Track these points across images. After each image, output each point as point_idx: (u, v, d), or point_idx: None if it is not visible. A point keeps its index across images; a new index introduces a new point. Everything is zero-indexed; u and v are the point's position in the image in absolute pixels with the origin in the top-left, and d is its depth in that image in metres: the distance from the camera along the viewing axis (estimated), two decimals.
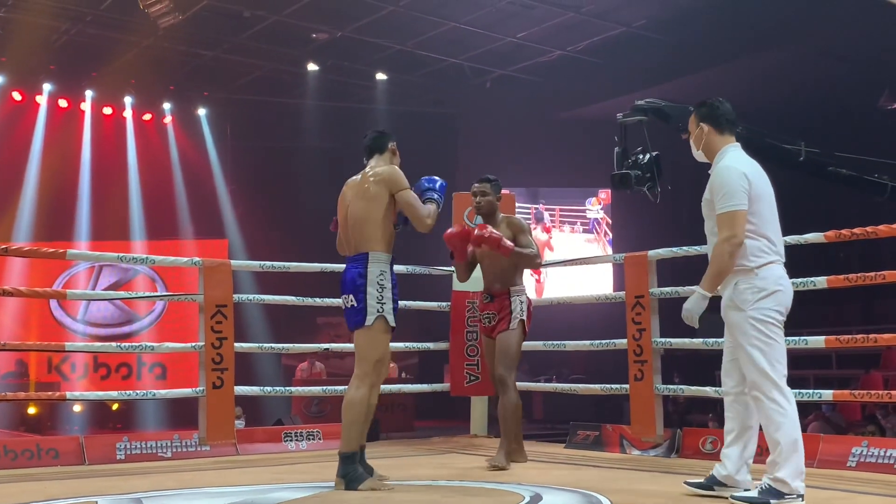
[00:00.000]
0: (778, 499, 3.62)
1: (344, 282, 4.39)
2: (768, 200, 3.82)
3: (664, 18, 11.83)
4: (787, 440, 3.64)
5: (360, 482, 4.19)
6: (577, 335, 6.90)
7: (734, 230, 3.69)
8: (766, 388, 3.68)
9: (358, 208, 4.38)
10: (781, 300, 3.74)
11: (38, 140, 13.88)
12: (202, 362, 5.85)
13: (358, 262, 4.35)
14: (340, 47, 12.92)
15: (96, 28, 12.15)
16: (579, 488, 4.15)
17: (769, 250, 3.76)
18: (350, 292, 4.35)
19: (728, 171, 3.78)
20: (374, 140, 4.59)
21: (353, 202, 4.41)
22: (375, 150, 4.58)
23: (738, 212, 3.70)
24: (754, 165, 3.86)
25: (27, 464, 5.39)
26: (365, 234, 4.36)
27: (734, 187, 3.72)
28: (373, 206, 4.36)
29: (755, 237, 3.74)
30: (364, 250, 4.35)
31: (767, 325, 3.70)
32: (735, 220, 3.69)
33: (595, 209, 15.25)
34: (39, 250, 6.15)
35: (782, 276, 3.78)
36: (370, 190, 4.38)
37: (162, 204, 14.61)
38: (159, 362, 14.10)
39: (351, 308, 4.35)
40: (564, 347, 6.83)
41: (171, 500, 4.03)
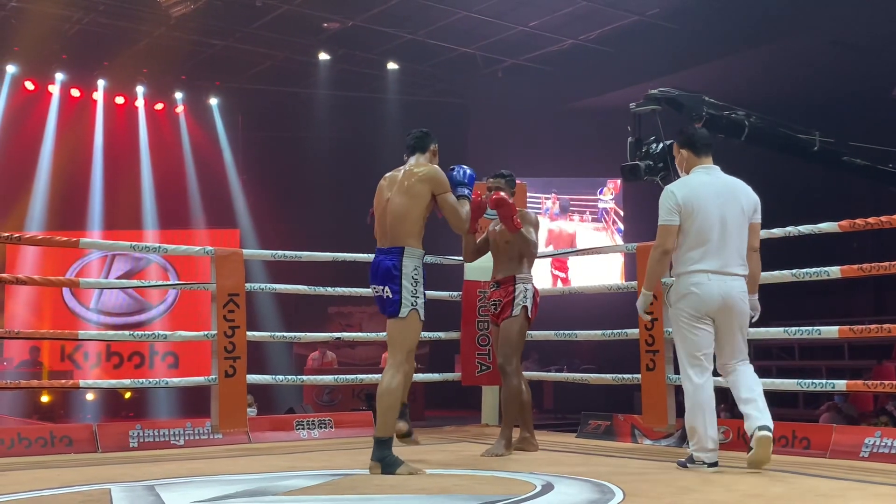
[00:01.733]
0: (691, 463, 4.43)
1: (376, 271, 4.54)
2: (704, 219, 4.38)
3: (677, 7, 11.77)
4: (689, 420, 4.41)
5: (396, 466, 4.28)
6: (587, 325, 6.89)
7: (660, 240, 4.47)
8: (683, 373, 4.48)
9: (399, 203, 4.54)
10: (693, 302, 4.39)
11: (50, 129, 13.94)
12: (215, 351, 5.87)
13: (393, 254, 4.50)
14: (352, 37, 12.90)
15: (108, 17, 12.18)
16: (591, 478, 4.15)
17: (690, 260, 4.40)
18: (384, 283, 4.50)
19: (664, 192, 4.51)
20: (417, 139, 4.74)
21: (395, 197, 4.56)
22: (418, 149, 4.73)
23: (665, 226, 4.45)
24: (704, 186, 4.44)
25: (41, 451, 5.42)
26: (403, 229, 4.52)
27: (665, 206, 4.46)
28: (414, 203, 4.53)
29: (681, 249, 4.44)
30: (400, 244, 4.51)
31: (684, 322, 4.43)
32: (661, 232, 4.46)
33: (607, 199, 15.22)
34: (53, 239, 6.17)
35: (697, 283, 4.38)
36: (414, 187, 4.54)
37: (174, 193, 14.65)
38: (171, 351, 14.16)
39: (386, 298, 4.51)
40: (576, 337, 6.82)
41: (184, 487, 4.04)
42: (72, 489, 3.97)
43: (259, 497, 3.75)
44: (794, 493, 3.80)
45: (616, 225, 15.20)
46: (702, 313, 4.39)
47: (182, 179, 14.84)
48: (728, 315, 4.40)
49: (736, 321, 4.41)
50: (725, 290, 4.37)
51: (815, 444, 5.06)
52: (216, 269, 5.92)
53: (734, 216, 4.41)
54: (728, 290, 4.38)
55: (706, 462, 4.36)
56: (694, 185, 4.45)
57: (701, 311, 4.39)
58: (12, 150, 13.91)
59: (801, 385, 5.38)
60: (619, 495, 3.66)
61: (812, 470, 4.44)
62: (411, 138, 4.78)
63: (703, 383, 4.39)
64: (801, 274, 5.24)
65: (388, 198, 4.59)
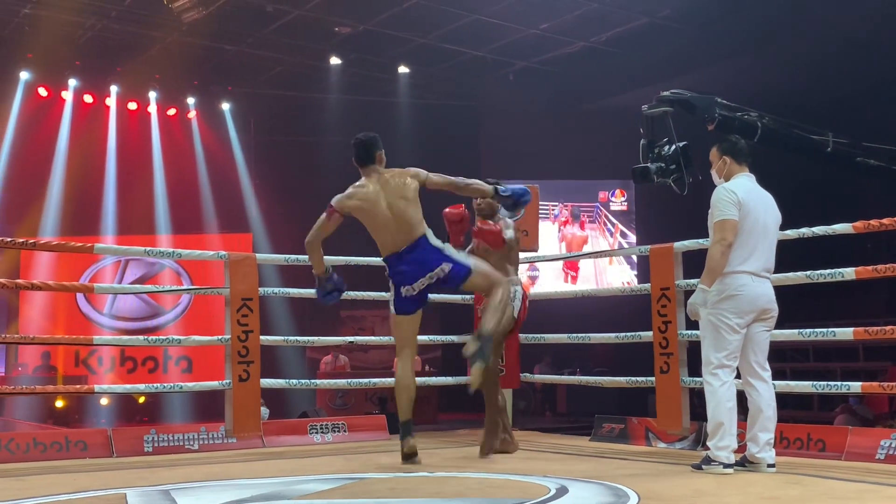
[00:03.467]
0: (708, 465, 4.39)
1: (423, 261, 4.90)
2: (754, 221, 4.46)
3: (688, 9, 11.73)
4: (715, 419, 4.39)
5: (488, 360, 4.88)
6: (598, 328, 6.88)
7: (724, 234, 4.42)
8: (707, 375, 4.46)
9: (403, 200, 4.93)
10: (732, 304, 4.41)
11: (63, 135, 14.00)
12: (228, 355, 5.89)
13: (422, 244, 4.91)
14: (363, 41, 12.92)
15: (121, 24, 12.23)
16: (605, 481, 4.14)
17: (736, 260, 4.43)
18: (439, 263, 4.90)
19: (721, 189, 4.54)
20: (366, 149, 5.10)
21: (395, 197, 4.93)
22: (369, 161, 5.10)
23: (727, 220, 4.43)
24: (752, 191, 4.55)
25: (56, 456, 5.45)
26: (414, 224, 4.91)
27: (722, 201, 4.47)
28: (415, 198, 4.96)
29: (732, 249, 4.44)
30: (418, 235, 4.91)
31: (721, 324, 4.42)
32: (724, 226, 4.42)
33: (618, 201, 15.19)
34: (67, 244, 6.20)
35: (743, 284, 4.43)
36: (410, 184, 4.96)
37: (187, 198, 14.68)
38: (185, 355, 14.18)
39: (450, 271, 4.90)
40: (589, 340, 6.82)
41: (199, 491, 4.05)
42: (87, 494, 3.98)
43: (274, 501, 3.75)
44: (809, 495, 3.78)
45: (617, 228, 15.15)
46: (742, 316, 4.43)
47: (195, 184, 14.87)
48: (766, 316, 4.51)
49: (771, 323, 4.56)
50: (765, 292, 4.50)
51: (831, 446, 5.05)
52: (230, 274, 5.94)
53: (772, 224, 4.58)
54: (767, 292, 4.52)
55: (724, 462, 4.36)
56: (746, 188, 4.54)
57: (743, 313, 4.43)
58: (26, 156, 13.98)
59: (815, 387, 5.36)
60: (633, 498, 3.65)
61: (828, 472, 4.42)
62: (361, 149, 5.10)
63: (731, 383, 4.44)
64: (815, 275, 5.22)
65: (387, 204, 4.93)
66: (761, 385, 4.51)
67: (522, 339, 6.93)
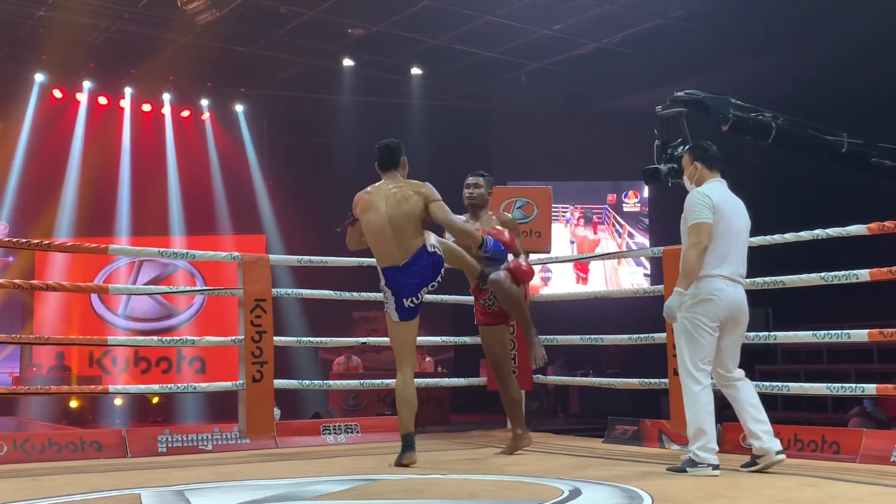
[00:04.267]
0: (693, 467, 4.42)
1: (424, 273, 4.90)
2: (727, 226, 4.51)
3: (701, 9, 11.70)
4: (695, 423, 4.45)
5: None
6: (610, 329, 6.88)
7: (699, 237, 4.46)
8: (685, 378, 4.51)
9: (401, 214, 4.89)
10: (707, 308, 4.44)
11: (78, 137, 14.07)
12: (242, 356, 5.90)
13: (421, 255, 4.88)
14: (376, 42, 12.94)
15: (135, 26, 12.29)
16: (619, 483, 4.14)
17: (710, 265, 4.46)
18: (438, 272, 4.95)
19: (695, 193, 4.59)
20: (390, 154, 5.05)
21: (395, 209, 4.90)
22: (391, 165, 5.05)
23: (702, 223, 4.47)
24: (725, 196, 4.61)
25: (71, 456, 5.47)
26: (413, 235, 4.89)
27: (698, 205, 4.52)
28: (415, 212, 4.90)
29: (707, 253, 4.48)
30: (417, 246, 4.88)
31: (697, 327, 4.45)
32: (700, 229, 4.47)
33: (631, 203, 15.16)
34: (82, 245, 6.23)
35: (718, 289, 4.46)
36: (412, 198, 4.91)
37: (200, 200, 14.73)
38: (199, 356, 14.23)
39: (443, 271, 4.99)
40: (602, 341, 6.80)
41: (213, 492, 4.07)
42: (102, 494, 4.00)
43: (288, 502, 3.76)
44: (823, 498, 3.77)
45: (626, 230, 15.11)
46: (716, 320, 4.48)
47: (208, 185, 14.92)
48: (737, 322, 4.56)
49: (743, 329, 4.61)
50: (738, 298, 4.55)
51: (845, 448, 5.02)
52: (243, 275, 5.96)
53: (743, 229, 4.65)
54: (740, 297, 4.56)
55: (712, 464, 4.39)
56: (719, 192, 4.61)
57: (716, 317, 4.48)
58: (41, 158, 14.06)
59: (830, 389, 5.34)
60: (647, 501, 3.65)
61: (842, 475, 4.40)
62: (388, 153, 5.05)
63: (709, 386, 4.51)
64: (829, 277, 5.20)
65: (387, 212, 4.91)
66: (739, 383, 4.60)
67: None
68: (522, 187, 7.69)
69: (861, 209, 6.46)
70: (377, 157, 5.09)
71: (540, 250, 7.20)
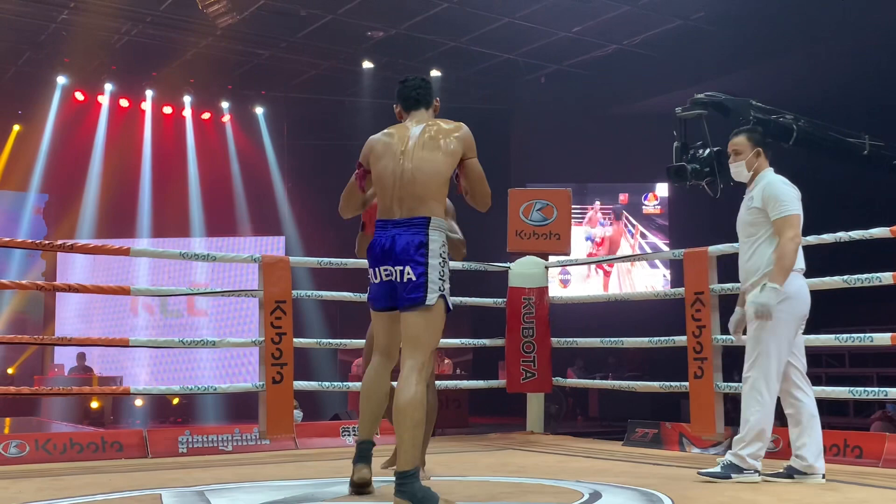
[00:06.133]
0: (738, 473, 4.17)
1: (392, 249, 3.58)
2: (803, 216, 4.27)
3: (722, 11, 11.65)
4: (757, 427, 4.15)
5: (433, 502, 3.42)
6: (629, 332, 6.85)
7: (797, 230, 4.17)
8: (758, 381, 4.17)
9: (426, 161, 3.64)
10: (795, 306, 4.19)
11: (100, 139, 14.20)
12: (262, 357, 5.92)
13: (415, 226, 3.59)
14: (395, 45, 12.97)
15: (156, 29, 12.37)
16: (639, 486, 4.12)
17: (798, 259, 4.23)
18: (404, 263, 3.55)
19: (783, 183, 4.28)
20: (423, 90, 3.92)
21: (418, 153, 3.66)
22: (423, 103, 3.91)
23: (795, 215, 4.19)
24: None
25: (92, 457, 5.50)
26: (429, 194, 3.63)
27: (791, 196, 4.22)
28: (446, 163, 3.67)
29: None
30: (423, 214, 3.61)
31: (783, 326, 4.15)
32: (794, 221, 4.17)
33: (651, 205, 15.12)
34: (104, 247, 6.27)
35: (802, 286, 4.25)
36: (450, 145, 3.68)
37: (220, 201, 14.83)
38: (219, 357, 14.31)
39: (407, 282, 3.55)
40: (622, 344, 6.78)
41: (233, 493, 4.08)
42: (123, 494, 4.02)
43: (307, 503, 3.77)
44: (846, 502, 3.74)
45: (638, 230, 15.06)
46: (801, 318, 4.27)
47: (228, 187, 15.02)
48: (804, 322, 4.34)
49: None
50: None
51: (868, 453, 4.99)
52: (264, 277, 5.97)
53: None
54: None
55: (759, 471, 4.22)
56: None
57: (802, 315, 4.26)
58: (63, 160, 14.20)
59: (852, 393, 5.29)
60: None
61: (864, 479, 4.37)
62: (414, 89, 3.90)
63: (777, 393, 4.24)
64: (852, 280, 5.16)
65: (405, 156, 3.67)
66: (809, 389, 4.33)
67: (554, 342, 6.92)
68: (542, 189, 7.68)
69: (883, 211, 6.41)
70: (400, 94, 3.96)
71: (559, 252, 7.19)
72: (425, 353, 3.59)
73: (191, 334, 13.69)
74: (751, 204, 4.31)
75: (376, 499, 3.85)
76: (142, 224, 14.49)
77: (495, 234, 7.42)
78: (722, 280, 5.76)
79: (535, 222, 6.78)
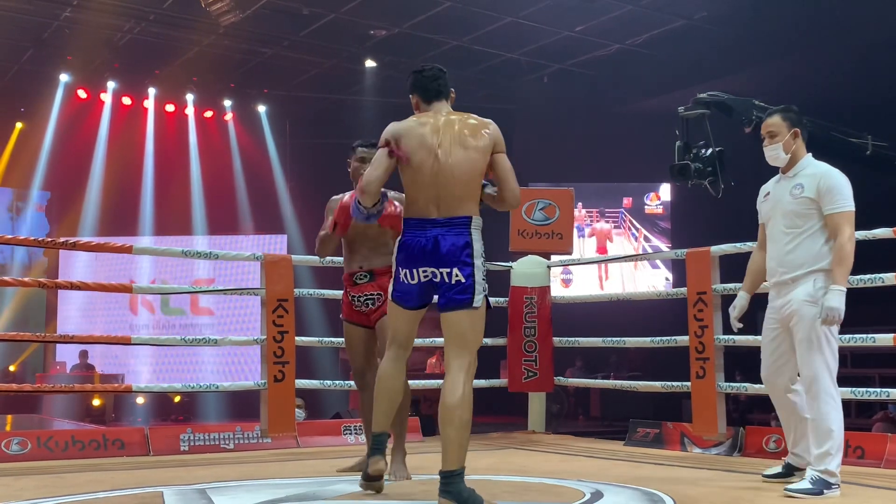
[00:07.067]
0: (829, 489, 3.81)
1: (436, 250, 3.52)
2: None
3: (725, 10, 11.64)
4: (840, 434, 3.86)
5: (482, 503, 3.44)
6: (630, 332, 6.85)
7: (853, 228, 3.95)
8: (826, 383, 3.88)
9: (464, 159, 3.56)
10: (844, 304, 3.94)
11: (102, 137, 14.21)
12: (263, 356, 5.93)
13: (457, 227, 3.53)
14: (398, 43, 12.96)
15: (159, 27, 12.36)
16: (640, 486, 4.12)
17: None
18: (452, 265, 3.50)
19: (840, 175, 4.02)
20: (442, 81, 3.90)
21: (455, 151, 3.58)
22: (444, 95, 3.87)
23: (853, 212, 3.96)
24: None
25: (94, 454, 5.51)
26: (467, 193, 3.56)
27: (849, 190, 3.98)
28: (482, 161, 3.60)
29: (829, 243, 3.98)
30: (464, 213, 3.55)
31: (835, 326, 3.92)
32: (853, 219, 3.95)
33: (653, 205, 15.11)
34: (106, 244, 6.27)
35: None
36: (482, 141, 3.62)
37: (223, 200, 14.83)
38: (220, 355, 14.32)
39: (456, 284, 3.50)
40: (624, 344, 6.79)
41: (235, 491, 4.08)
42: (125, 492, 4.03)
43: (309, 501, 3.78)
44: (848, 503, 3.74)
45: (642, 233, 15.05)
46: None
47: (231, 185, 15.02)
48: None
49: None
50: None
51: (870, 453, 4.98)
52: (266, 275, 5.98)
53: None
54: None
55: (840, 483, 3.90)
56: None
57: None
58: (66, 158, 14.20)
59: (854, 393, 5.28)
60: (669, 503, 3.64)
61: (866, 480, 4.37)
62: (434, 80, 3.85)
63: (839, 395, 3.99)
64: (855, 280, 5.15)
65: (443, 152, 3.58)
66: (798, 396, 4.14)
67: (556, 342, 6.92)
68: (544, 189, 7.69)
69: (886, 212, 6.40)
70: (416, 84, 3.88)
71: (561, 252, 7.18)
72: (472, 353, 3.58)
73: (194, 332, 13.72)
74: (799, 193, 4.01)
75: (379, 497, 3.85)
76: (144, 222, 14.50)
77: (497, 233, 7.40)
78: (724, 280, 5.76)
79: (538, 222, 6.78)
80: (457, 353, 3.54)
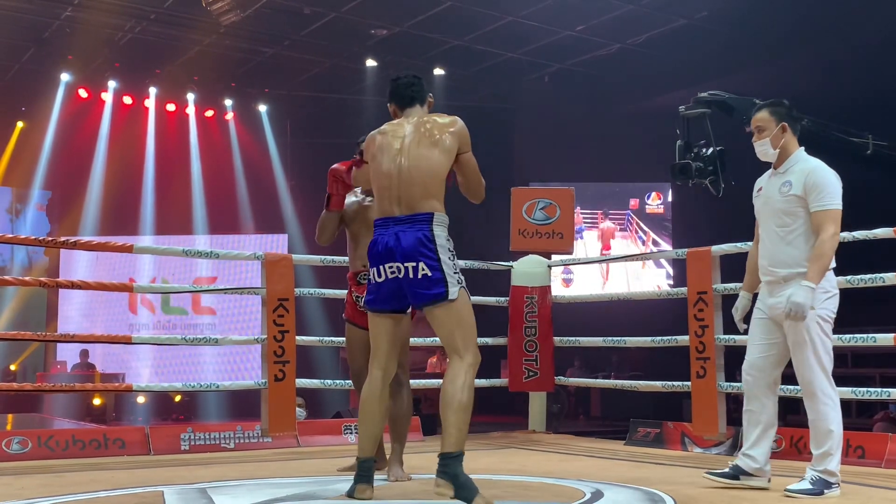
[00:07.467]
0: (829, 489, 3.82)
1: (398, 245, 3.56)
2: None
3: (725, 10, 11.64)
4: (839, 433, 3.86)
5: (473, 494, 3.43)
6: (632, 331, 6.85)
7: (838, 228, 3.87)
8: (823, 383, 3.89)
9: (423, 157, 3.65)
10: (836, 303, 3.98)
11: (103, 136, 14.22)
12: (264, 355, 5.93)
13: (419, 223, 3.58)
14: (399, 43, 12.96)
15: (160, 26, 12.37)
16: (641, 485, 4.12)
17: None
18: (416, 258, 3.54)
19: (828, 172, 3.94)
20: (416, 87, 3.96)
21: (414, 151, 3.67)
22: (417, 100, 3.95)
23: (840, 211, 3.88)
24: None
25: (95, 453, 5.51)
26: (429, 190, 3.63)
27: (836, 188, 3.90)
28: (443, 159, 3.67)
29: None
30: (425, 210, 3.60)
31: (828, 325, 3.94)
32: (838, 217, 3.87)
33: (654, 204, 15.10)
34: (107, 244, 6.28)
35: (836, 283, 4.02)
36: (446, 141, 3.69)
37: (223, 199, 14.84)
38: (221, 354, 14.33)
39: (422, 278, 3.54)
40: (624, 344, 6.79)
41: (235, 490, 4.08)
42: (125, 491, 4.03)
43: (310, 500, 3.78)
44: (848, 503, 3.74)
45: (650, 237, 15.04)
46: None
47: (231, 185, 15.04)
48: None
49: None
50: None
51: (870, 453, 4.98)
52: (266, 274, 5.98)
53: None
54: None
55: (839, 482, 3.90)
56: None
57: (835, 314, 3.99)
58: (66, 157, 14.22)
59: (854, 393, 5.28)
60: (669, 503, 3.63)
61: (867, 480, 4.37)
62: (408, 87, 3.94)
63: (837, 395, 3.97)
64: (855, 280, 5.16)
65: (402, 154, 3.68)
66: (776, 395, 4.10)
67: (557, 342, 6.92)
68: (545, 188, 7.69)
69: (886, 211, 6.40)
70: (393, 93, 3.99)
71: (562, 251, 7.19)
72: (468, 349, 3.60)
73: (194, 332, 13.72)
74: (787, 190, 3.96)
75: (380, 496, 3.86)
76: (145, 221, 14.51)
77: (498, 232, 7.43)
78: (725, 280, 5.76)
79: (538, 221, 6.78)
80: (454, 350, 3.59)
